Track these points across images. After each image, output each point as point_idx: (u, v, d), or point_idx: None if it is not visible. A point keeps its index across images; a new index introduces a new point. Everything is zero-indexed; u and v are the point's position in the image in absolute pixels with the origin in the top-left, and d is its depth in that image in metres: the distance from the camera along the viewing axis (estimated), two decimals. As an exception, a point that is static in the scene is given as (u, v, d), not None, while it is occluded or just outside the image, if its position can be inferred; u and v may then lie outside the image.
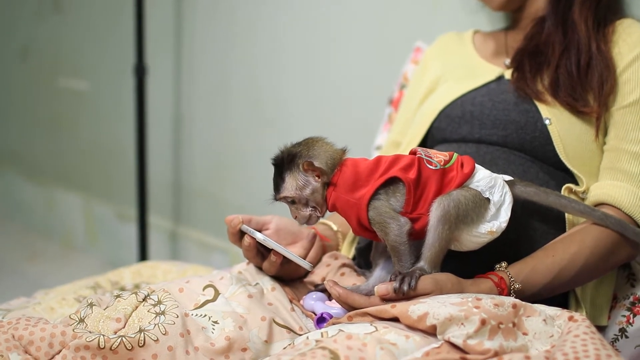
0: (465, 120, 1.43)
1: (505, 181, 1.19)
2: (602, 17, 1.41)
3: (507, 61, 1.49)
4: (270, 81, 2.49)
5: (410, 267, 1.12)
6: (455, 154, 1.18)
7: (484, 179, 1.15)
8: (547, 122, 1.35)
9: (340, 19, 2.26)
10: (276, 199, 1.19)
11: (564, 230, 1.30)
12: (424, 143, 1.51)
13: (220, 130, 2.70)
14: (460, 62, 1.57)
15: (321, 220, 1.41)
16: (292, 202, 1.18)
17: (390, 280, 1.11)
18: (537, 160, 1.36)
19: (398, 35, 2.10)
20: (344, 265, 1.35)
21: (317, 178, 1.15)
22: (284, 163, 1.17)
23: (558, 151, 1.34)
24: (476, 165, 1.17)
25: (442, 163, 1.15)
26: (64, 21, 3.32)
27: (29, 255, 3.30)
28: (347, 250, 1.47)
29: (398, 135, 1.63)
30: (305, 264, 1.21)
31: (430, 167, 1.14)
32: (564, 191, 1.31)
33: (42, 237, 3.54)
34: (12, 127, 3.82)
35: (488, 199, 1.15)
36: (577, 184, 1.35)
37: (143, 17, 2.55)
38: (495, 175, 1.17)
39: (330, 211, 1.19)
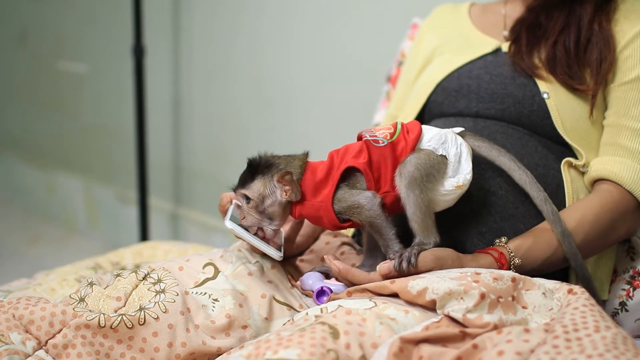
0: (463, 94, 1.42)
1: (457, 133, 1.19)
2: None
3: (506, 33, 1.47)
4: (269, 61, 2.48)
5: (393, 238, 1.12)
6: (398, 123, 1.19)
7: (433, 137, 1.16)
8: (545, 96, 1.34)
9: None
10: (235, 190, 1.20)
11: (564, 205, 1.29)
12: (421, 117, 1.50)
13: (220, 111, 2.70)
14: (456, 34, 1.56)
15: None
16: (247, 201, 1.18)
17: (391, 259, 1.11)
18: (536, 134, 1.35)
19: (395, 12, 2.08)
20: (343, 243, 1.35)
21: (285, 194, 1.15)
22: (259, 167, 1.18)
23: (556, 125, 1.33)
24: (423, 126, 1.18)
25: (387, 137, 1.16)
26: (62, 4, 3.30)
27: (29, 238, 3.30)
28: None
29: (395, 109, 1.62)
30: (273, 253, 1.19)
31: (378, 145, 1.14)
32: (563, 165, 1.31)
33: (43, 220, 3.55)
34: (12, 110, 3.81)
35: (444, 156, 1.15)
36: (576, 157, 1.34)
37: (140, -3, 2.53)
38: (444, 130, 1.18)
39: (297, 219, 1.20)
